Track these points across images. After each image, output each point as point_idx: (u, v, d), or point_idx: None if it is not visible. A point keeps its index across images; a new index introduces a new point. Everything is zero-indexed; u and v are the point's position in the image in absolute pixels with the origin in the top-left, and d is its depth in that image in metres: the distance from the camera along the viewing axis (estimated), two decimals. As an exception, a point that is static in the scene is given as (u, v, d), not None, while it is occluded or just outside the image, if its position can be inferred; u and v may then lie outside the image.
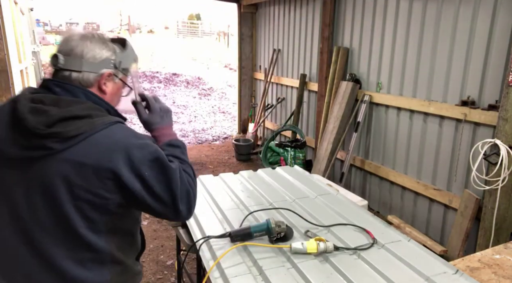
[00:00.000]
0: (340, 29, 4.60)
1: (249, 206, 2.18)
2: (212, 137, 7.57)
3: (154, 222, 3.96)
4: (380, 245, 1.79)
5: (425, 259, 1.67)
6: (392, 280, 1.51)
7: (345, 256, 1.68)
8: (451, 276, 1.55)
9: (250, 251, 1.69)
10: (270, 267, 1.59)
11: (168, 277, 3.07)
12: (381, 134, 4.11)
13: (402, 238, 1.85)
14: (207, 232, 1.88)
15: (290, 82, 5.86)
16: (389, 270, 1.57)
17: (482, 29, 2.99)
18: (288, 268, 1.60)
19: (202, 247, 1.76)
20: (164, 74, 15.21)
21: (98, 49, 1.21)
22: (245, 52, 7.13)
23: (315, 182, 2.59)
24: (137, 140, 1.16)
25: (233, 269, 1.58)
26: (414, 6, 3.56)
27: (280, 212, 2.10)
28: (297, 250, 1.67)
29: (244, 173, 2.74)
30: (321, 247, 1.67)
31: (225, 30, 28.89)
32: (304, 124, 5.62)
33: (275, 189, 2.46)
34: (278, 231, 1.76)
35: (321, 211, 2.12)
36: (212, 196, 2.35)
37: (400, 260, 1.66)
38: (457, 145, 3.27)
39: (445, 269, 1.61)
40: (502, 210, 2.69)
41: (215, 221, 2.03)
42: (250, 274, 1.56)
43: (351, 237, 1.83)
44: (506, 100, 2.60)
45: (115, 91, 1.28)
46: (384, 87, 4.01)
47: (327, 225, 1.92)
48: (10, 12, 6.06)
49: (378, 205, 4.27)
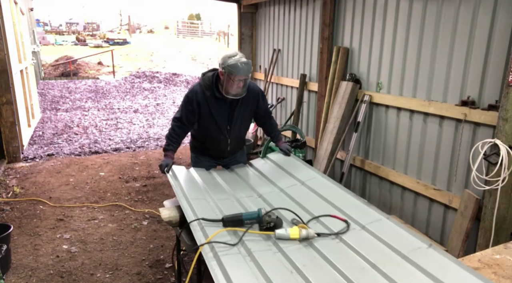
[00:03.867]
0: (340, 29, 4.60)
1: (239, 197, 2.40)
2: (212, 137, 7.57)
3: (154, 222, 3.96)
4: (361, 226, 1.95)
5: (402, 236, 1.83)
6: (371, 260, 1.65)
7: (328, 241, 1.84)
8: (425, 250, 1.72)
9: (239, 235, 1.85)
10: (258, 249, 1.74)
11: (168, 277, 3.07)
12: (381, 134, 4.11)
13: (383, 216, 2.02)
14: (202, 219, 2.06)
15: (290, 82, 5.86)
16: (368, 251, 1.71)
17: (482, 29, 2.99)
18: (274, 251, 1.76)
19: (195, 228, 1.93)
20: (164, 74, 15.21)
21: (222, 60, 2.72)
22: (245, 52, 7.13)
23: (302, 166, 2.84)
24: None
25: (223, 249, 1.73)
26: (414, 6, 3.56)
27: (267, 201, 2.30)
28: (281, 236, 1.83)
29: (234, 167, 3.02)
30: (303, 234, 1.83)
31: (225, 30, 28.89)
32: (304, 124, 5.62)
33: (264, 180, 2.70)
34: (268, 220, 1.90)
35: (308, 198, 2.30)
36: (207, 187, 2.58)
37: (378, 240, 1.81)
38: (457, 145, 3.27)
39: (420, 244, 1.76)
40: (502, 210, 2.69)
41: (208, 207, 2.22)
42: (240, 255, 1.71)
43: (333, 222, 2.00)
44: (506, 100, 2.60)
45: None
46: (384, 87, 4.01)
47: (310, 218, 2.09)
48: (10, 12, 6.06)
49: (378, 205, 4.27)
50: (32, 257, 3.27)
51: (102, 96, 11.21)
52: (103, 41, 26.26)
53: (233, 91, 2.73)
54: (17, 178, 5.07)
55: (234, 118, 2.91)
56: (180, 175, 2.73)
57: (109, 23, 38.82)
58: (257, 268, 1.62)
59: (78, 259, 3.27)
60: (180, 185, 2.56)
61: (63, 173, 5.31)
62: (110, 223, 3.93)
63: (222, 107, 2.85)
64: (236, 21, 7.06)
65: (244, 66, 2.64)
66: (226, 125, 2.92)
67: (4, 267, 2.97)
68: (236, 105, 2.86)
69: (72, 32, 33.43)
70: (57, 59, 17.15)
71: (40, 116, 8.63)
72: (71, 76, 14.85)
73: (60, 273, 3.07)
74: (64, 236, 3.65)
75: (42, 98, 10.41)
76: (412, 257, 1.64)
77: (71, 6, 63.16)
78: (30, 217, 4.00)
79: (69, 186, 4.85)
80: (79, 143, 6.84)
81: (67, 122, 8.26)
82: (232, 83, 2.68)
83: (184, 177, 2.72)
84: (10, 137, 5.53)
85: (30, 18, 10.66)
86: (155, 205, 4.36)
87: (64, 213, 4.12)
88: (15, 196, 4.52)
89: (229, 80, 2.67)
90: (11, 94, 5.47)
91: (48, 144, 6.68)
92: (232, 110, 2.88)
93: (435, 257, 1.67)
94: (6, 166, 5.48)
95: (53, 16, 44.05)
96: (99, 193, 4.67)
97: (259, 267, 1.62)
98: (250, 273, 1.58)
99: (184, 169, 2.89)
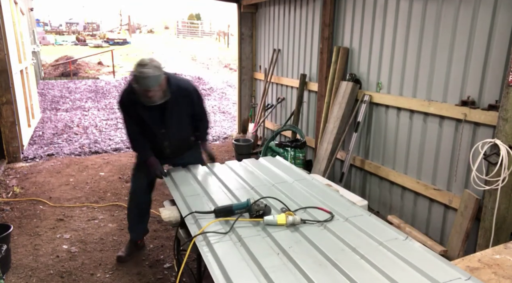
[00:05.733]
0: (340, 29, 4.60)
1: (232, 189, 2.56)
2: (212, 137, 7.56)
3: (154, 222, 3.96)
4: (344, 218, 2.11)
5: (380, 228, 2.00)
6: (351, 244, 1.81)
7: (313, 228, 2.01)
8: (402, 241, 1.86)
9: (230, 223, 2.01)
10: (248, 235, 1.90)
11: (168, 277, 3.07)
12: (381, 134, 4.11)
13: (364, 213, 2.18)
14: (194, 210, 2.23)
15: (290, 82, 5.86)
16: (349, 237, 1.88)
17: (482, 29, 2.99)
18: (263, 236, 1.91)
19: (190, 222, 2.08)
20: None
21: None
22: (245, 52, 7.13)
23: (295, 170, 3.00)
24: None
25: (216, 238, 1.89)
26: (414, 6, 3.56)
27: (259, 193, 2.48)
28: (269, 222, 1.99)
29: (229, 163, 3.15)
30: (290, 220, 1.99)
31: (225, 30, 28.87)
32: (304, 124, 5.62)
33: (257, 176, 2.85)
34: (257, 209, 2.05)
35: (297, 194, 2.47)
36: (202, 184, 2.71)
37: (359, 229, 1.98)
38: (457, 145, 3.27)
39: (397, 235, 1.91)
40: (502, 210, 2.69)
41: (202, 202, 2.39)
42: (230, 241, 1.87)
43: (319, 213, 2.17)
44: (506, 100, 2.60)
45: None
46: (384, 87, 4.01)
47: (298, 208, 2.24)
48: (10, 12, 6.06)
49: (378, 205, 4.27)
50: (32, 257, 3.27)
51: (102, 96, 11.20)
52: (103, 41, 26.25)
53: (143, 99, 2.64)
54: (17, 178, 5.07)
55: (167, 120, 2.85)
56: (176, 176, 2.86)
57: (109, 23, 38.80)
58: (247, 252, 1.77)
59: (78, 259, 3.27)
60: (176, 185, 2.70)
61: (63, 173, 5.31)
62: (110, 223, 3.93)
63: (152, 110, 2.73)
64: (236, 21, 7.06)
65: (143, 81, 2.51)
66: (160, 129, 2.88)
67: (4, 267, 2.97)
68: (165, 107, 2.76)
69: (72, 32, 33.42)
70: (57, 59, 17.14)
71: (40, 116, 8.63)
72: (71, 76, 14.85)
73: (60, 273, 3.07)
74: (64, 236, 3.65)
75: (42, 98, 10.40)
76: (390, 245, 1.80)
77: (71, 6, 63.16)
78: (30, 217, 4.00)
79: (69, 186, 4.85)
80: (79, 143, 6.84)
81: (67, 122, 8.26)
82: (141, 92, 2.60)
83: (180, 177, 2.85)
84: (10, 137, 5.53)
85: (30, 18, 10.65)
86: (155, 205, 4.36)
87: (64, 213, 4.12)
88: (15, 196, 4.52)
89: (138, 89, 2.59)
90: (11, 94, 5.47)
91: (48, 144, 6.68)
92: (162, 112, 2.80)
93: (411, 247, 1.81)
94: (6, 166, 5.48)
95: (53, 16, 44.00)
96: (99, 193, 4.67)
97: (249, 251, 1.77)
98: (240, 257, 1.73)
99: (180, 168, 3.04)
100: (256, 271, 1.63)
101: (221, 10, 31.66)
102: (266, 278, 1.57)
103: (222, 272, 1.62)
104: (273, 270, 1.61)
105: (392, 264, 1.67)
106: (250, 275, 1.59)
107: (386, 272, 1.60)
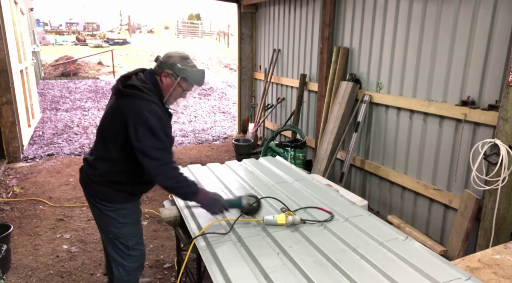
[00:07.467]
0: (340, 29, 4.60)
1: (234, 189, 2.55)
2: (212, 138, 7.57)
3: (154, 222, 3.96)
4: (344, 218, 2.11)
5: (380, 228, 2.00)
6: (351, 244, 1.81)
7: (313, 227, 2.01)
8: (402, 241, 1.86)
9: (230, 223, 2.01)
10: (248, 235, 1.90)
11: (168, 277, 3.07)
12: (381, 134, 4.11)
13: (364, 213, 2.18)
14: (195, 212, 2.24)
15: (290, 82, 5.85)
16: (349, 237, 1.88)
17: (482, 29, 2.99)
18: (263, 237, 1.91)
19: (190, 221, 2.12)
20: (164, 74, 15.16)
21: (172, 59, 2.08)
22: (245, 52, 7.13)
23: (295, 170, 3.00)
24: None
25: (216, 238, 1.89)
26: (414, 6, 3.56)
27: (259, 193, 2.47)
28: (269, 222, 1.99)
29: (229, 163, 3.13)
30: (289, 220, 1.99)
31: (225, 30, 28.87)
32: (304, 124, 5.62)
33: (257, 176, 2.85)
34: (249, 203, 2.08)
35: (297, 194, 2.47)
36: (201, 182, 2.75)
37: (359, 229, 1.99)
38: (457, 145, 3.27)
39: (397, 235, 1.92)
40: (502, 210, 2.69)
41: None
42: (230, 241, 1.87)
43: (319, 213, 2.17)
44: (506, 100, 2.60)
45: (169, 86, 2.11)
46: (384, 87, 4.01)
47: (298, 208, 2.25)
48: (10, 12, 6.06)
49: (378, 205, 4.27)
50: (32, 257, 3.27)
51: (102, 96, 11.20)
52: (103, 41, 26.24)
53: (173, 104, 2.20)
54: (17, 178, 5.07)
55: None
56: None
57: (109, 23, 38.85)
58: (247, 252, 1.77)
59: (78, 259, 3.27)
60: None
61: (63, 173, 5.31)
62: (110, 223, 3.92)
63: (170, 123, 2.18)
64: (236, 21, 7.06)
65: (201, 76, 2.14)
66: None
67: (4, 267, 2.97)
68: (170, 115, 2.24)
69: (72, 32, 33.41)
70: (57, 59, 17.14)
71: (40, 116, 8.63)
72: (71, 76, 14.84)
73: (60, 273, 3.07)
74: (64, 236, 3.65)
75: (42, 98, 10.40)
76: (390, 245, 1.80)
77: (71, 6, 63.20)
78: (30, 217, 4.00)
79: (69, 186, 4.85)
80: (79, 143, 6.84)
81: (67, 122, 8.26)
82: (182, 92, 2.15)
83: None
84: (10, 138, 5.53)
85: (30, 18, 10.65)
86: (155, 205, 4.36)
87: (64, 213, 4.12)
88: (15, 196, 4.52)
89: (178, 88, 2.11)
90: (11, 94, 5.47)
91: (48, 144, 6.68)
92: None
93: (411, 247, 1.81)
94: (6, 166, 5.48)
95: (53, 16, 44.09)
96: (99, 193, 4.67)
97: (249, 251, 1.77)
98: (240, 258, 1.73)
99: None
100: (256, 271, 1.63)
101: (221, 10, 31.72)
102: (266, 278, 1.57)
103: (222, 272, 1.63)
104: (273, 270, 1.61)
105: (392, 264, 1.67)
106: (250, 275, 1.59)
107: (386, 272, 1.60)
